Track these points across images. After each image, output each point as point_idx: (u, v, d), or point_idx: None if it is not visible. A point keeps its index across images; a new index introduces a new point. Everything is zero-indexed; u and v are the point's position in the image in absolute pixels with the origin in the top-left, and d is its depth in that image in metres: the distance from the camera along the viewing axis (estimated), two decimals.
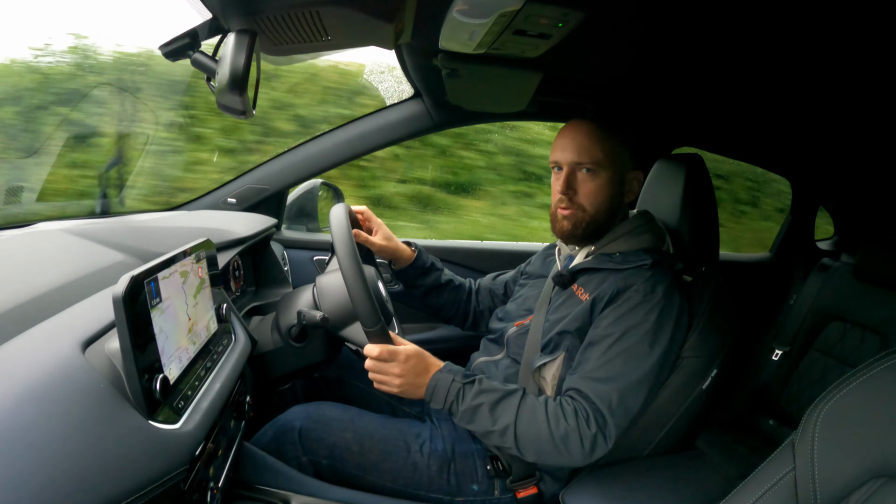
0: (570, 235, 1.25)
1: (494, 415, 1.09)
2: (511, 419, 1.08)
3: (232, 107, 0.84)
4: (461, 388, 1.11)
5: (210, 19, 0.88)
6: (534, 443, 1.07)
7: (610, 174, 1.21)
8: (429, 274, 1.55)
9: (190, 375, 0.84)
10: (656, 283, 1.14)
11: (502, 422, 1.08)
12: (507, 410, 1.09)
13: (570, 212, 1.23)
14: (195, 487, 0.83)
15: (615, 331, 1.11)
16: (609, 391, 1.08)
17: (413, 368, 1.12)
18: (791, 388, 1.82)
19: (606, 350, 1.11)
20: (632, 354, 1.10)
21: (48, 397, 0.60)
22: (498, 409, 1.09)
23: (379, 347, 1.11)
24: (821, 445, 0.74)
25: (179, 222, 1.51)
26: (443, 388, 1.12)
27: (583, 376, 1.12)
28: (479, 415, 1.09)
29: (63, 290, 0.93)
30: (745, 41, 0.99)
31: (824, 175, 2.19)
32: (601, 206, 1.22)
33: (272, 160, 1.91)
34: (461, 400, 1.10)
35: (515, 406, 1.09)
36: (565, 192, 1.22)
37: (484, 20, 0.91)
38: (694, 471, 1.27)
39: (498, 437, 1.09)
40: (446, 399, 1.11)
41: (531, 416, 1.08)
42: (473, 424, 1.11)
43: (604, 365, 1.10)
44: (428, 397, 1.13)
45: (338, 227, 1.15)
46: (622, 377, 1.09)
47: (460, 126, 2.02)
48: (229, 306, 1.13)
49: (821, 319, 1.82)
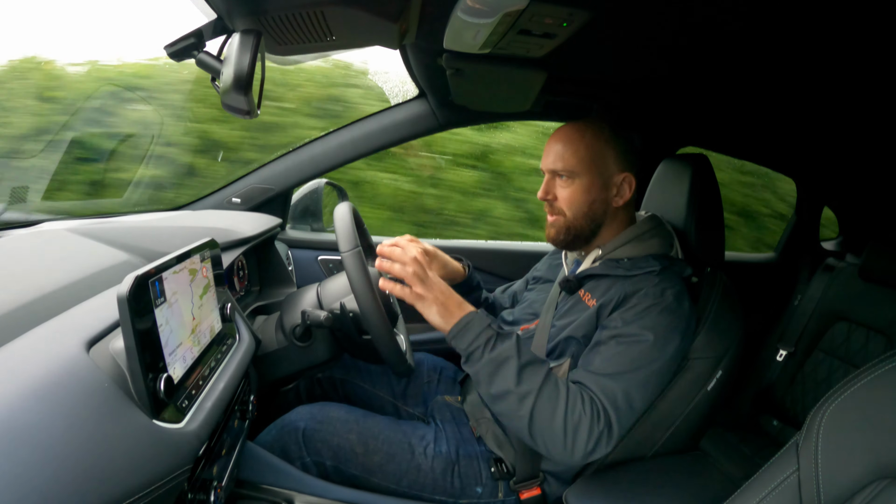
0: (556, 242, 1.25)
1: (521, 375, 1.03)
2: (536, 385, 1.02)
3: (237, 107, 0.84)
4: (494, 335, 1.06)
5: (215, 19, 0.89)
6: (548, 421, 1.01)
7: (587, 180, 1.19)
8: (471, 293, 1.51)
9: (194, 375, 0.84)
10: (665, 288, 1.12)
11: (526, 385, 1.02)
12: (535, 375, 1.03)
13: (553, 218, 1.24)
14: (199, 486, 0.83)
15: (623, 331, 1.09)
16: (615, 389, 1.05)
17: (443, 291, 1.08)
18: (796, 389, 1.81)
19: (614, 349, 1.09)
20: (639, 355, 1.07)
21: (53, 396, 0.60)
22: (527, 370, 1.03)
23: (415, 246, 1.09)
24: (825, 446, 0.74)
25: (184, 222, 1.52)
26: (476, 327, 1.05)
27: (588, 371, 1.09)
28: (505, 369, 1.03)
29: (68, 289, 0.94)
30: (750, 41, 0.99)
31: (829, 175, 2.18)
32: (579, 212, 1.21)
33: (277, 160, 1.91)
34: (491, 347, 1.04)
35: (543, 374, 1.04)
36: (544, 198, 1.24)
37: (489, 20, 0.91)
38: (698, 472, 1.27)
39: (515, 402, 1.02)
40: (475, 340, 1.05)
41: (554, 392, 1.03)
42: (493, 378, 1.04)
43: (611, 364, 1.07)
44: (454, 332, 1.06)
45: (341, 223, 1.16)
46: (628, 376, 1.06)
47: (465, 126, 2.02)
48: (233, 306, 1.14)
49: (826, 320, 1.82)
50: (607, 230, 1.25)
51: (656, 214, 1.31)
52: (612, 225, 1.25)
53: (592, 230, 1.23)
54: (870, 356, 1.65)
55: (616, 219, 1.25)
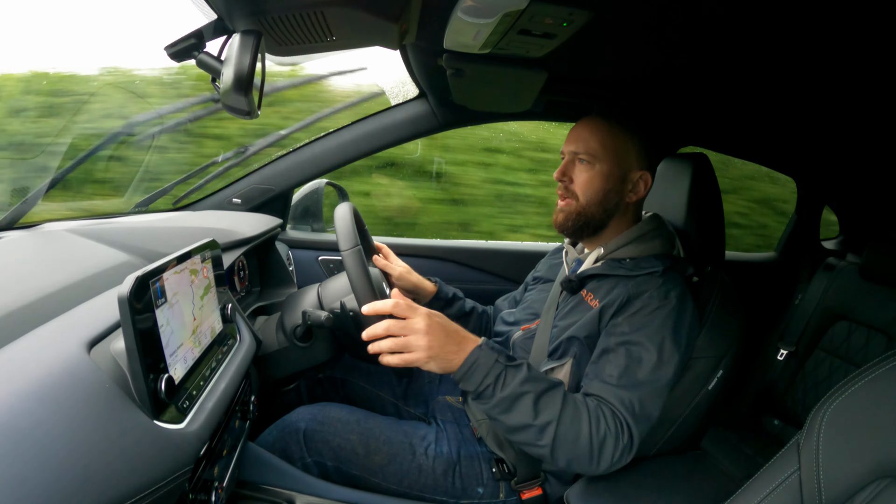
0: (563, 228, 1.25)
1: (538, 407, 0.97)
2: (555, 414, 0.97)
3: (237, 107, 0.84)
4: (503, 370, 0.99)
5: (215, 20, 0.88)
6: (572, 444, 0.97)
7: (607, 168, 1.20)
8: (452, 305, 1.54)
9: (195, 375, 0.84)
10: (669, 290, 1.12)
11: (545, 416, 0.97)
12: (552, 404, 0.98)
13: (564, 202, 1.24)
14: (200, 487, 0.83)
15: (633, 338, 1.08)
16: (632, 398, 1.02)
17: (442, 329, 0.99)
18: (796, 388, 1.81)
19: (625, 357, 1.07)
20: (652, 361, 1.06)
21: (54, 397, 0.60)
22: (542, 400, 0.98)
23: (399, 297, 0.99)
24: (826, 445, 0.74)
25: (184, 222, 1.52)
26: (483, 366, 0.98)
27: (604, 382, 1.05)
28: (521, 405, 0.97)
29: (69, 290, 0.94)
30: (750, 40, 0.99)
31: (830, 174, 2.18)
32: (593, 198, 1.21)
33: (277, 160, 1.91)
34: (502, 385, 0.98)
35: (560, 400, 0.99)
36: (560, 179, 1.24)
37: (489, 20, 0.91)
38: (699, 471, 1.27)
39: (534, 434, 0.98)
40: (484, 380, 0.98)
41: (574, 414, 0.98)
42: (508, 415, 0.98)
43: (624, 373, 1.05)
44: (461, 374, 0.99)
45: (341, 222, 1.17)
46: (644, 384, 1.04)
47: (465, 126, 2.02)
48: (234, 306, 1.14)
49: (826, 319, 1.82)
50: (614, 225, 1.25)
51: (658, 214, 1.31)
52: (620, 220, 1.25)
53: (602, 220, 1.23)
54: (870, 355, 1.65)
55: (625, 215, 1.25)
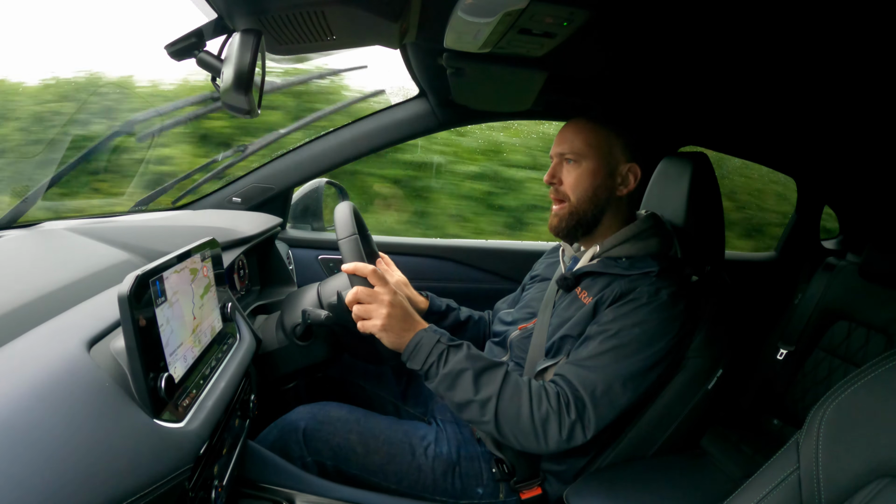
0: (557, 231, 1.26)
1: (478, 383, 1.05)
2: (495, 390, 1.04)
3: (237, 106, 0.84)
4: (445, 349, 1.08)
5: (215, 19, 0.88)
6: (514, 420, 1.04)
7: (593, 164, 1.21)
8: (446, 317, 1.54)
9: (195, 374, 0.84)
10: (661, 288, 1.13)
11: (485, 392, 1.05)
12: (492, 381, 1.06)
13: (557, 206, 1.25)
14: (200, 486, 0.83)
15: (613, 327, 1.10)
16: (595, 380, 1.06)
17: (402, 308, 1.10)
18: (796, 388, 1.81)
19: (601, 343, 1.10)
20: (625, 350, 1.08)
21: (53, 396, 0.60)
22: (483, 377, 1.06)
23: (375, 273, 1.11)
24: (825, 445, 0.74)
25: (184, 221, 1.52)
26: (426, 346, 1.08)
27: (571, 363, 1.11)
28: (462, 381, 1.05)
29: (68, 289, 0.94)
30: (750, 40, 0.99)
31: (829, 174, 2.18)
32: (583, 196, 1.22)
33: (277, 159, 1.91)
34: (444, 362, 1.06)
35: (500, 378, 1.06)
36: (550, 182, 1.26)
37: (489, 19, 0.90)
38: (699, 471, 1.27)
39: (477, 409, 1.05)
40: (427, 359, 1.07)
41: (514, 392, 1.05)
42: (453, 391, 1.06)
43: (595, 356, 1.09)
44: (407, 353, 1.08)
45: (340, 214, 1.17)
46: (611, 369, 1.07)
47: (465, 125, 2.02)
48: (234, 305, 1.14)
49: (826, 319, 1.81)
50: (608, 221, 1.25)
51: (655, 213, 1.31)
52: (613, 216, 1.25)
53: (594, 217, 1.24)
54: (870, 355, 1.65)
55: (619, 211, 1.26)
